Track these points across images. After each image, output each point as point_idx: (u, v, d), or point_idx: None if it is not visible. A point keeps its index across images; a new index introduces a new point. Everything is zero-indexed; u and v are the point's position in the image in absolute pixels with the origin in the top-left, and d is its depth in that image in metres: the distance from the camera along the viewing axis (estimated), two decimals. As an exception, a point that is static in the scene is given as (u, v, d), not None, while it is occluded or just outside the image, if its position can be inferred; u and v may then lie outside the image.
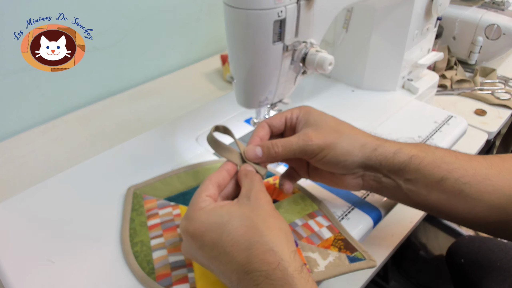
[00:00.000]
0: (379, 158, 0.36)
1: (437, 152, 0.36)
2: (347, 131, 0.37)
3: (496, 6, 0.80)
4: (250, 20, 0.37)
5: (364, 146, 0.36)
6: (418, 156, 0.36)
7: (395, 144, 0.37)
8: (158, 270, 0.36)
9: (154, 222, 0.41)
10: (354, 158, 0.36)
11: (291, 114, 0.39)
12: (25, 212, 0.44)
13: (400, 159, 0.36)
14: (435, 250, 0.87)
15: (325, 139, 0.36)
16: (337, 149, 0.36)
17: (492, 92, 0.74)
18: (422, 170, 0.35)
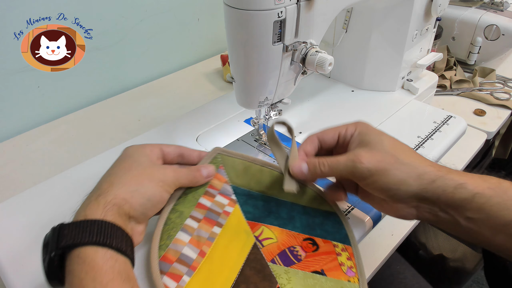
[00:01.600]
0: (437, 191, 0.32)
1: (510, 192, 0.31)
2: (404, 157, 0.33)
3: (495, 6, 0.80)
4: (250, 20, 0.37)
5: (421, 176, 0.32)
6: (484, 195, 0.31)
7: (459, 176, 0.32)
8: (168, 251, 0.34)
9: (205, 202, 0.39)
10: (408, 188, 0.32)
11: (345, 130, 0.37)
12: (25, 212, 0.44)
13: (462, 195, 0.31)
14: (435, 250, 0.87)
15: (377, 163, 0.33)
16: (389, 176, 0.32)
17: (491, 92, 0.74)
18: (487, 210, 0.31)
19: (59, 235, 0.29)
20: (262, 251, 0.36)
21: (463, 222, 0.32)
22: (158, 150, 0.38)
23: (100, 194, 0.31)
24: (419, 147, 0.52)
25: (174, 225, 0.36)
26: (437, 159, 0.52)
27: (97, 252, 0.28)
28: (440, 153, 0.53)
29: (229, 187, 0.41)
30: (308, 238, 0.38)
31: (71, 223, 0.29)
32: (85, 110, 0.73)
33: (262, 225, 0.38)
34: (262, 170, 0.41)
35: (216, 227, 0.38)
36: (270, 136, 0.41)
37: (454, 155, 0.58)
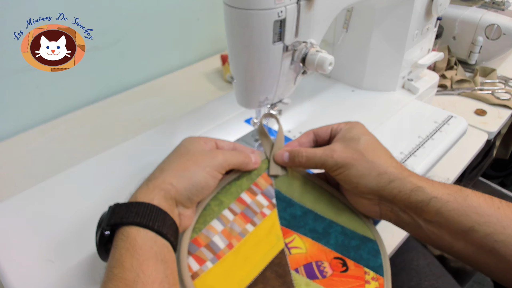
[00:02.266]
0: (393, 191, 0.35)
1: (469, 199, 0.32)
2: (372, 156, 0.36)
3: (496, 6, 0.80)
4: (250, 20, 0.37)
5: (380, 175, 0.35)
6: (441, 200, 0.33)
7: (418, 180, 0.34)
8: (200, 235, 0.36)
9: (245, 198, 0.39)
10: (367, 183, 0.36)
11: (337, 126, 0.41)
12: (25, 212, 0.44)
13: (418, 198, 0.33)
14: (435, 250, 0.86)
15: (345, 158, 0.36)
16: (352, 170, 0.36)
17: (492, 92, 0.74)
18: (445, 215, 0.32)
19: (112, 213, 0.32)
20: (288, 257, 0.36)
21: (424, 225, 0.34)
22: (212, 143, 0.39)
23: (150, 179, 0.34)
24: (420, 147, 0.52)
25: (212, 212, 0.38)
26: (438, 159, 0.52)
27: (139, 232, 0.30)
28: (440, 153, 0.52)
29: (273, 190, 0.41)
30: (339, 258, 0.37)
31: (123, 203, 0.32)
32: (85, 110, 0.73)
33: (295, 233, 0.38)
34: (306, 182, 0.41)
35: (250, 225, 0.38)
36: (260, 128, 0.43)
37: (455, 155, 0.57)
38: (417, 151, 0.51)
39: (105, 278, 0.29)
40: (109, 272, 0.29)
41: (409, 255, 0.57)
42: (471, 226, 0.31)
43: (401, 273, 0.55)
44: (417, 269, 0.55)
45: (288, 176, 0.42)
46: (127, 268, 0.28)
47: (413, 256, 0.57)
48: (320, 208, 0.40)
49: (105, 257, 0.32)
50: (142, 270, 0.28)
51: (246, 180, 0.41)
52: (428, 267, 0.56)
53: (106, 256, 0.32)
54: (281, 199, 0.40)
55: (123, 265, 0.29)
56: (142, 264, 0.29)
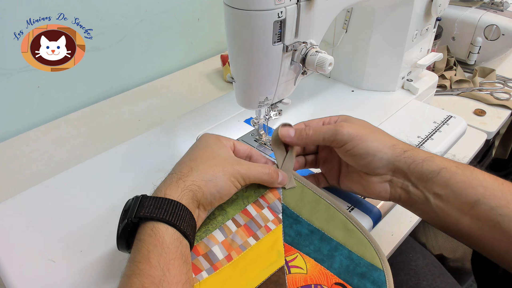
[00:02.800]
0: (408, 161, 0.35)
1: (475, 173, 0.33)
2: (378, 131, 0.38)
3: (495, 6, 0.80)
4: (250, 20, 0.37)
5: (394, 146, 0.36)
6: (450, 170, 0.33)
7: (427, 153, 0.36)
8: (200, 244, 0.35)
9: (251, 211, 0.39)
10: (383, 155, 0.36)
11: (329, 119, 0.41)
12: (25, 212, 0.44)
13: (429, 167, 0.34)
14: (435, 250, 0.87)
15: (357, 130, 0.37)
16: (367, 141, 0.36)
17: (491, 92, 0.74)
18: (453, 187, 0.33)
19: (140, 205, 0.31)
20: (287, 277, 0.35)
21: (432, 199, 0.34)
22: (231, 144, 0.39)
23: (180, 177, 0.34)
24: (419, 147, 0.52)
25: (215, 222, 0.37)
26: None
27: (167, 230, 0.30)
28: (440, 153, 0.53)
29: (280, 205, 0.40)
30: (340, 284, 0.35)
31: (152, 197, 0.32)
32: (85, 110, 0.73)
33: (298, 252, 0.37)
34: (319, 201, 0.40)
35: (252, 238, 0.37)
36: (275, 137, 0.42)
37: (454, 155, 0.58)
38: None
39: (129, 271, 0.29)
40: (134, 267, 0.29)
41: (407, 255, 0.57)
42: (477, 199, 0.32)
43: (399, 273, 0.55)
44: (415, 269, 0.55)
45: (298, 191, 0.40)
46: (153, 265, 0.28)
47: (412, 257, 0.57)
48: (329, 229, 0.38)
49: (123, 247, 0.32)
50: (168, 269, 0.28)
51: (254, 192, 0.40)
52: (427, 267, 0.56)
53: (125, 247, 0.32)
54: (288, 215, 0.39)
55: (150, 261, 0.28)
56: (169, 263, 0.29)
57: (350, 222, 0.38)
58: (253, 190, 0.40)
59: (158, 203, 0.31)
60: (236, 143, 0.40)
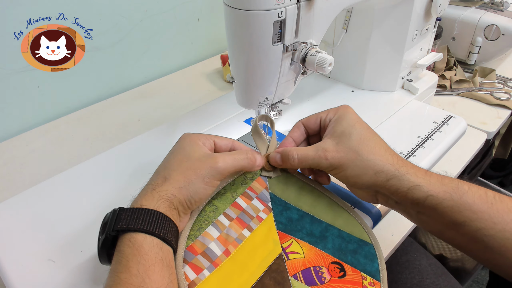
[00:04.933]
0: (391, 189, 0.35)
1: (465, 197, 0.33)
2: (367, 153, 0.36)
3: (495, 6, 0.80)
4: (250, 20, 0.37)
5: (377, 173, 0.35)
6: (437, 198, 0.33)
7: (415, 177, 0.34)
8: (196, 243, 0.36)
9: (241, 203, 0.39)
10: (364, 182, 0.36)
11: (326, 115, 0.41)
12: (25, 212, 0.44)
13: (415, 195, 0.34)
14: (435, 250, 0.87)
15: (339, 159, 0.36)
16: (348, 170, 0.36)
17: (491, 92, 0.74)
18: (439, 211, 0.33)
19: (117, 218, 0.32)
20: (286, 263, 0.36)
21: (415, 216, 0.36)
22: (211, 142, 0.40)
23: (154, 188, 0.35)
24: (419, 147, 0.52)
25: (207, 218, 0.38)
26: (437, 159, 0.52)
27: (146, 239, 0.31)
28: (440, 153, 0.53)
29: (268, 193, 0.41)
30: (336, 262, 0.37)
31: (129, 208, 0.33)
32: (85, 110, 0.73)
33: (292, 238, 0.38)
34: (303, 186, 0.41)
35: (246, 230, 0.38)
36: (254, 128, 0.43)
37: (454, 155, 0.58)
38: (416, 151, 0.52)
39: (111, 282, 0.29)
40: (115, 277, 0.29)
41: (412, 255, 0.59)
42: (463, 221, 0.32)
43: (404, 272, 0.56)
44: (419, 268, 0.57)
45: (283, 179, 0.42)
46: (133, 274, 0.29)
47: (416, 257, 0.58)
48: (317, 211, 0.40)
49: (105, 260, 0.33)
50: (148, 275, 0.29)
51: (241, 184, 0.40)
52: (430, 266, 0.58)
53: (106, 260, 0.33)
54: (277, 203, 0.40)
55: (130, 270, 0.29)
56: (148, 270, 0.29)
57: (335, 202, 0.40)
58: (240, 182, 0.41)
59: (135, 214, 0.32)
60: (217, 140, 0.40)
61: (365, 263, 0.37)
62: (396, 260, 0.37)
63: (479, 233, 0.32)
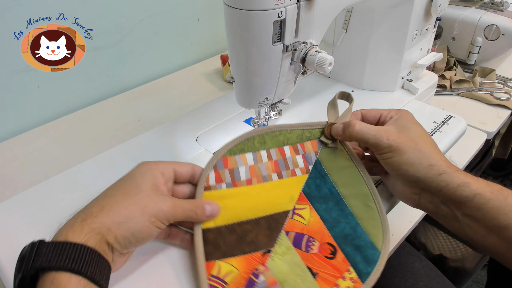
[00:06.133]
0: (441, 184, 0.35)
1: (509, 198, 0.33)
2: (424, 145, 0.37)
3: (495, 6, 0.80)
4: (250, 20, 0.37)
5: (431, 166, 0.36)
6: (484, 196, 0.34)
7: (464, 176, 0.35)
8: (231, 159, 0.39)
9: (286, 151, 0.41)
10: (416, 173, 0.36)
11: (388, 112, 0.41)
12: (25, 212, 0.44)
13: (463, 193, 0.34)
14: (435, 250, 0.87)
15: (398, 142, 0.36)
16: (403, 155, 0.36)
17: (491, 92, 0.74)
18: (485, 211, 0.33)
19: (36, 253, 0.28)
20: (288, 219, 0.38)
21: (461, 217, 0.35)
22: (170, 172, 0.36)
23: (86, 218, 0.30)
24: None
25: (252, 146, 0.40)
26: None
27: (71, 279, 0.27)
28: (440, 153, 0.53)
29: (315, 158, 0.41)
30: (332, 245, 0.37)
31: (51, 242, 0.28)
32: (85, 110, 0.73)
33: (309, 204, 0.39)
34: (352, 168, 0.41)
35: (276, 175, 0.39)
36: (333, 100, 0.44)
37: (454, 155, 0.58)
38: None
39: None
40: None
41: (405, 258, 0.59)
42: (508, 223, 0.33)
43: (398, 275, 0.57)
44: (412, 271, 0.57)
45: (337, 152, 0.42)
46: None
47: (409, 260, 0.59)
48: (350, 197, 0.39)
49: None
50: None
51: (297, 137, 0.41)
52: (423, 269, 0.58)
53: None
54: (318, 169, 0.41)
55: None
56: None
57: (372, 199, 0.39)
58: (296, 135, 0.42)
59: (58, 249, 0.27)
60: (178, 167, 0.37)
61: (360, 261, 0.36)
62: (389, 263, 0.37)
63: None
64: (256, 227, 0.37)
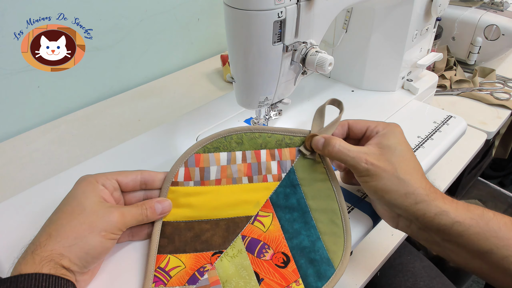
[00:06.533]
0: (417, 213, 0.34)
1: (491, 224, 0.33)
2: (403, 172, 0.35)
3: (495, 6, 0.80)
4: (250, 20, 0.37)
5: (407, 195, 0.35)
6: (464, 224, 0.33)
7: (443, 204, 0.34)
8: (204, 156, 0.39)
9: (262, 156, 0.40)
10: (391, 200, 0.35)
11: (375, 126, 0.40)
12: (25, 212, 0.44)
13: (441, 221, 0.34)
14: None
15: (376, 167, 0.35)
16: (380, 181, 0.35)
17: (491, 92, 0.74)
18: (466, 237, 0.33)
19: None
20: (247, 225, 0.38)
21: (441, 243, 0.35)
22: (112, 182, 0.36)
23: (35, 248, 0.30)
24: (419, 147, 0.52)
25: (228, 145, 0.39)
26: (437, 159, 0.52)
27: None
28: (440, 153, 0.53)
29: (290, 166, 0.40)
30: (286, 255, 0.36)
31: (5, 279, 0.28)
32: (85, 110, 0.73)
33: (272, 212, 0.38)
34: (325, 181, 0.40)
35: (246, 179, 0.39)
36: (321, 108, 0.43)
37: (454, 155, 0.58)
38: (416, 151, 0.51)
39: None
40: None
41: (406, 258, 0.59)
42: (490, 249, 0.32)
43: (398, 275, 0.56)
44: (413, 271, 0.57)
45: (313, 164, 0.40)
46: None
47: (410, 259, 0.59)
48: (316, 212, 0.39)
49: None
50: None
51: (276, 142, 0.40)
52: (424, 269, 0.58)
53: None
54: (290, 178, 0.40)
55: None
56: None
57: (340, 216, 0.38)
58: (276, 140, 0.41)
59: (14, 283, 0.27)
60: (121, 177, 0.36)
61: (311, 275, 0.35)
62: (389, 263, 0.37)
63: (505, 261, 0.32)
64: (214, 227, 0.37)
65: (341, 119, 0.41)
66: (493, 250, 0.32)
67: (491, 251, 0.32)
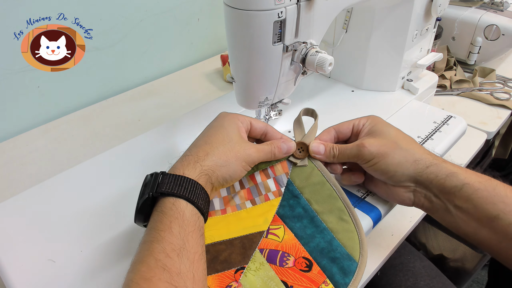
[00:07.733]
0: (430, 176, 0.36)
1: (498, 188, 0.34)
2: (404, 143, 0.38)
3: (495, 6, 0.80)
4: (250, 20, 0.37)
5: (417, 161, 0.37)
6: (472, 186, 0.34)
7: (452, 167, 0.36)
8: None
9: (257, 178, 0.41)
10: (404, 171, 0.37)
11: (358, 121, 0.42)
12: (25, 212, 0.44)
13: (452, 183, 0.35)
14: (435, 250, 0.87)
15: (379, 147, 0.37)
16: (389, 158, 0.37)
17: (491, 92, 0.74)
18: (474, 201, 0.34)
19: (161, 181, 0.33)
20: (262, 239, 0.38)
21: (453, 210, 0.36)
22: (247, 124, 0.41)
23: (197, 160, 0.36)
24: (419, 147, 0.52)
25: None
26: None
27: (187, 206, 0.33)
28: (440, 153, 0.53)
29: (286, 179, 0.41)
30: (307, 259, 0.36)
31: (172, 175, 0.34)
32: (85, 110, 0.73)
33: (283, 224, 0.39)
34: (324, 183, 0.41)
35: (249, 202, 0.40)
36: (298, 118, 0.44)
37: (454, 155, 0.58)
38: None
39: (151, 238, 0.30)
40: (156, 234, 0.31)
41: (406, 257, 0.59)
42: (497, 214, 0.33)
43: (399, 274, 0.57)
44: (413, 271, 0.58)
45: (307, 170, 0.42)
46: (174, 235, 0.30)
47: (410, 259, 0.59)
48: (324, 213, 0.39)
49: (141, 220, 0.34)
50: (187, 239, 0.31)
51: (265, 163, 0.41)
52: (424, 269, 0.58)
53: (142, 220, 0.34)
54: (290, 190, 0.41)
55: (172, 231, 0.31)
56: (188, 235, 0.31)
57: (347, 212, 0.39)
58: None
59: (178, 181, 0.33)
60: (253, 122, 0.41)
61: (337, 273, 0.35)
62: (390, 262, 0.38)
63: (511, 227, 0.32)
64: (229, 246, 0.37)
65: (317, 125, 0.43)
66: (500, 215, 0.33)
67: (498, 217, 0.33)
